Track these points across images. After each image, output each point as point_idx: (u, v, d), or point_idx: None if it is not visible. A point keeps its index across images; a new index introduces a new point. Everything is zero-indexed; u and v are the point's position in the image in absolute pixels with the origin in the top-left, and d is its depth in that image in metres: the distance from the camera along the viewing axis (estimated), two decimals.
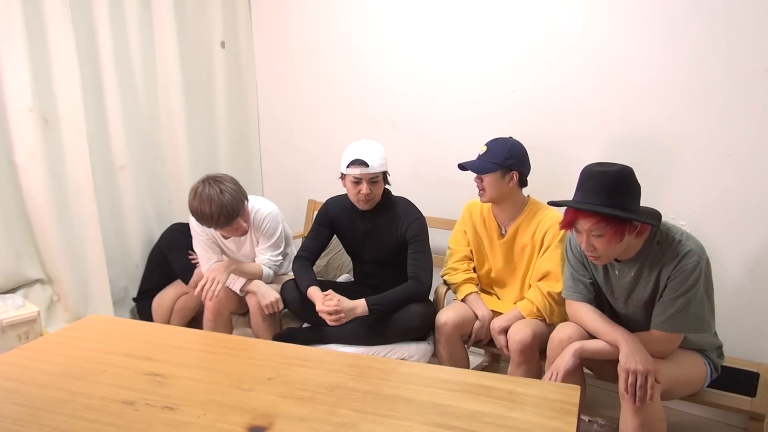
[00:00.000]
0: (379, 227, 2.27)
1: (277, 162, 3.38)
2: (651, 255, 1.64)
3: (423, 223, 2.25)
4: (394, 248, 2.25)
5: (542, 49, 2.37)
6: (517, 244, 2.13)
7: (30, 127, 2.32)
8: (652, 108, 2.15)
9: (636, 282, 1.69)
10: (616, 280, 1.75)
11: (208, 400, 1.34)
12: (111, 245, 2.69)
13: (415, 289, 2.15)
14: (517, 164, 2.05)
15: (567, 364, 1.67)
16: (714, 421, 2.19)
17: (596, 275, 1.81)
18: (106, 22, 2.57)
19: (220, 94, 3.15)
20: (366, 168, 2.12)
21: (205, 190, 2.12)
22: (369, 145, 2.18)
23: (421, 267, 2.18)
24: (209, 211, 2.10)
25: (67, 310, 2.53)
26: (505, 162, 2.03)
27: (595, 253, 1.62)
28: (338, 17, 2.92)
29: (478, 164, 2.06)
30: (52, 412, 1.30)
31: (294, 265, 2.34)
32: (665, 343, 1.64)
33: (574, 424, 1.19)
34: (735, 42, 1.97)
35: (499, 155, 2.03)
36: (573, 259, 1.83)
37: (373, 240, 2.30)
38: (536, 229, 2.07)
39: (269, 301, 2.24)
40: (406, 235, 2.22)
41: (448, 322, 2.07)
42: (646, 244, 1.65)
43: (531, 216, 2.10)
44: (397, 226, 2.24)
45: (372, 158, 2.14)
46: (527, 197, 2.15)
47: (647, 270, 1.66)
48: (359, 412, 1.27)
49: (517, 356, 1.93)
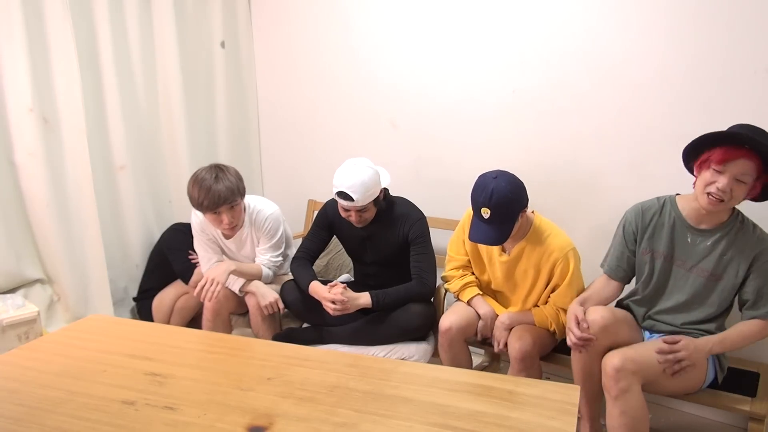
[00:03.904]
0: (378, 231, 2.26)
1: (277, 162, 3.38)
2: (732, 231, 1.70)
3: (424, 224, 2.24)
4: (395, 250, 2.25)
5: (542, 49, 2.37)
6: (520, 266, 2.05)
7: (30, 127, 2.31)
8: (652, 108, 2.15)
9: (710, 252, 1.73)
10: (688, 247, 1.77)
11: (208, 400, 1.34)
12: (111, 245, 2.69)
13: (418, 289, 2.15)
14: (523, 203, 1.92)
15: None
16: (714, 421, 2.19)
17: (659, 243, 1.81)
18: (106, 22, 2.57)
19: (220, 94, 3.15)
20: (351, 202, 2.08)
21: (203, 173, 2.20)
22: (355, 175, 2.06)
23: (425, 268, 2.17)
24: (197, 193, 2.17)
25: (67, 310, 2.53)
26: (515, 214, 1.89)
27: (726, 196, 1.60)
28: (338, 17, 2.92)
29: (493, 237, 1.89)
30: (52, 412, 1.30)
31: (292, 265, 2.34)
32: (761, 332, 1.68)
33: (573, 424, 1.19)
34: (735, 42, 1.97)
35: (507, 213, 1.87)
36: (630, 234, 1.87)
37: (373, 243, 2.29)
38: (542, 257, 1.99)
39: (268, 302, 2.24)
40: (408, 236, 2.21)
41: (452, 326, 2.03)
42: (730, 219, 1.71)
43: (536, 239, 2.00)
44: (397, 229, 2.23)
45: (357, 192, 2.05)
46: (532, 214, 2.05)
47: (725, 243, 1.70)
48: (359, 412, 1.26)
49: (517, 363, 1.92)
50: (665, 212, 1.81)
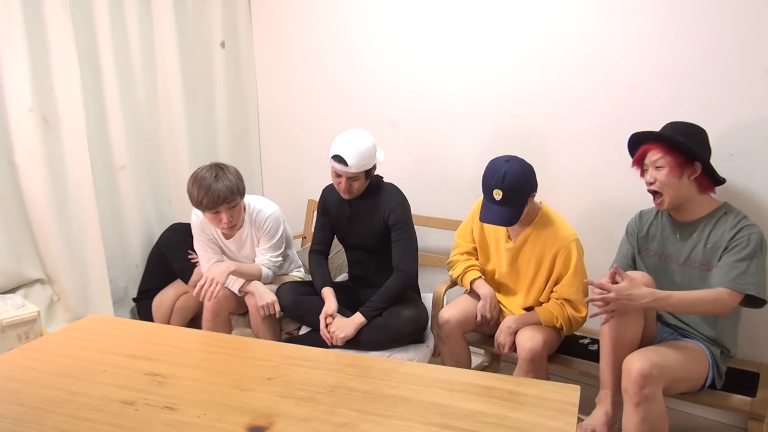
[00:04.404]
0: (362, 211, 2.31)
1: (277, 162, 3.38)
2: (714, 220, 1.77)
3: (406, 209, 2.26)
4: (376, 234, 2.28)
5: (542, 49, 2.37)
6: (524, 253, 2.08)
7: (30, 127, 2.32)
8: (651, 108, 2.15)
9: (696, 244, 1.79)
10: (678, 243, 1.85)
11: (208, 400, 1.34)
12: (111, 245, 2.69)
13: (400, 281, 2.19)
14: (533, 186, 1.97)
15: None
16: (714, 421, 2.19)
17: (652, 243, 1.92)
18: (106, 22, 2.57)
19: (220, 94, 3.15)
20: (345, 167, 2.13)
21: (203, 172, 2.20)
22: (354, 142, 2.14)
23: (403, 255, 2.21)
24: (197, 192, 2.17)
25: (67, 310, 2.53)
26: (526, 197, 1.94)
27: (655, 186, 1.78)
28: (338, 17, 2.92)
29: (507, 216, 1.93)
30: (52, 412, 1.30)
31: (310, 261, 2.40)
32: (728, 300, 1.67)
33: (573, 424, 1.19)
34: (735, 42, 1.97)
35: (519, 195, 1.92)
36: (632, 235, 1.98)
37: (357, 223, 2.33)
38: (545, 246, 2.01)
39: (266, 303, 2.24)
40: (388, 221, 2.24)
41: (450, 319, 2.07)
42: (714, 211, 1.78)
43: (541, 227, 2.03)
44: (380, 213, 2.26)
45: (353, 158, 2.11)
46: (539, 204, 2.08)
47: (707, 233, 1.77)
48: (359, 412, 1.26)
49: (526, 364, 1.91)
50: (659, 215, 1.93)
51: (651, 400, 1.59)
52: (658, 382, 1.60)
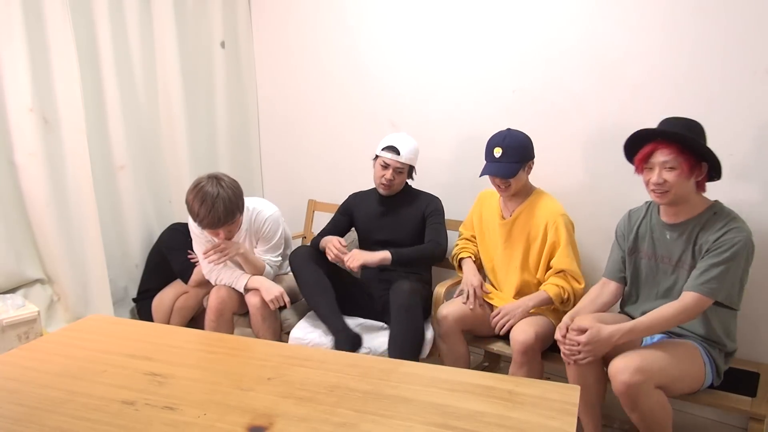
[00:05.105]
0: (396, 208, 2.44)
1: (277, 162, 3.38)
2: (706, 222, 1.72)
3: (441, 205, 2.44)
4: (413, 225, 2.39)
5: (542, 49, 2.37)
6: (517, 226, 2.16)
7: (30, 127, 2.32)
8: (651, 108, 2.15)
9: (686, 245, 1.76)
10: (668, 244, 1.81)
11: (208, 400, 1.34)
12: (111, 245, 2.69)
13: (432, 246, 2.31)
14: (531, 154, 2.12)
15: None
16: (714, 421, 2.19)
17: (642, 243, 1.87)
18: (106, 22, 2.57)
19: (220, 94, 3.15)
20: (396, 156, 2.31)
21: (204, 187, 2.13)
22: (407, 139, 2.38)
23: (438, 231, 2.35)
24: (197, 210, 2.14)
25: (67, 310, 2.53)
26: (524, 158, 2.08)
27: (664, 187, 1.69)
28: (338, 17, 2.92)
29: (504, 169, 2.07)
30: (52, 412, 1.30)
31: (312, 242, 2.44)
32: (694, 307, 1.65)
33: (573, 424, 1.20)
34: (735, 42, 1.97)
35: (518, 153, 2.07)
36: (621, 237, 1.95)
37: (388, 221, 2.42)
38: (537, 216, 2.11)
39: (274, 296, 2.24)
40: (425, 212, 2.40)
41: (448, 315, 2.11)
42: (703, 212, 1.73)
43: (532, 204, 2.15)
44: (419, 206, 2.42)
45: (404, 149, 2.32)
46: (534, 187, 2.20)
47: (696, 234, 1.74)
48: (359, 412, 1.27)
49: (519, 357, 1.94)
50: (648, 214, 1.89)
51: (643, 401, 1.60)
52: (646, 384, 1.59)
